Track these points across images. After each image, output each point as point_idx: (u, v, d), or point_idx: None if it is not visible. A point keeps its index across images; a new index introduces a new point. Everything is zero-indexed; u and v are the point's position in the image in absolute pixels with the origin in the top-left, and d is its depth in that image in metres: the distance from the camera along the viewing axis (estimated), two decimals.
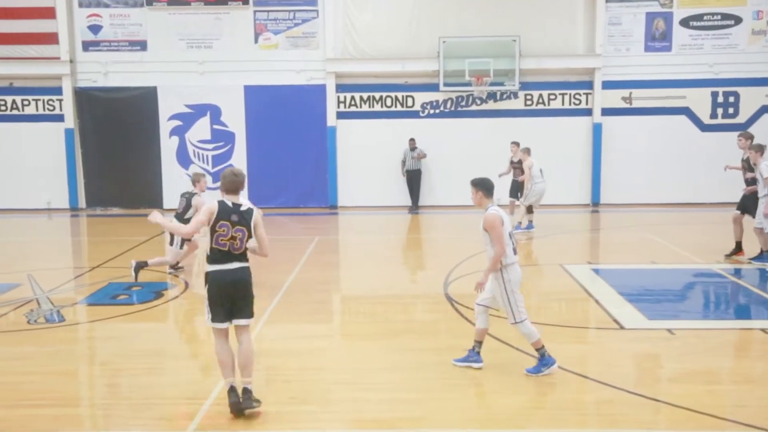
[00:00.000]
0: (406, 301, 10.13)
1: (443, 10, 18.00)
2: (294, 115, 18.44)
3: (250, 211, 6.03)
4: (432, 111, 18.50)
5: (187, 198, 10.95)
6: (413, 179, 17.98)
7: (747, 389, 6.51)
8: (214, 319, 5.96)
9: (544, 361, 6.76)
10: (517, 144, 14.90)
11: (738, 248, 11.68)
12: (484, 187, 6.84)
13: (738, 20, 17.76)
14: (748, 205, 11.42)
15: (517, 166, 14.79)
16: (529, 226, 14.44)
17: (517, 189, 14.77)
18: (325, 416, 6.00)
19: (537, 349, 6.81)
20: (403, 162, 17.98)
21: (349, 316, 9.54)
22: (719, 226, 14.58)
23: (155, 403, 6.23)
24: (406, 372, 6.95)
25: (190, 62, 18.30)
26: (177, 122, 18.55)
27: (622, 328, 8.30)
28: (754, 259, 11.33)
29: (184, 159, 18.62)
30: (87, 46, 18.40)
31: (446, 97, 18.39)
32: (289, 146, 18.47)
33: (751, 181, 11.31)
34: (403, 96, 18.53)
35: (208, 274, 5.97)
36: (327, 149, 18.47)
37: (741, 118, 17.99)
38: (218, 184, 7.13)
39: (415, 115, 18.48)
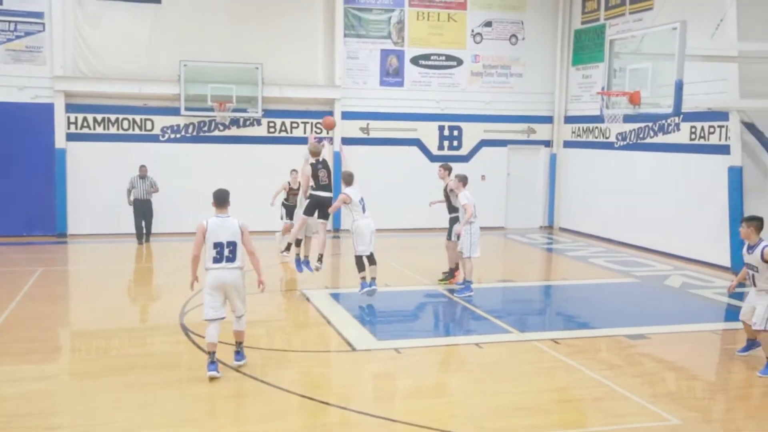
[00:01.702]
0: (140, 333, 9.67)
1: (184, 33, 17.62)
2: (16, 136, 16.82)
3: None
4: (173, 135, 17.95)
5: None
6: (145, 209, 16.70)
7: (461, 400, 7.10)
8: None
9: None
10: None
11: (451, 274, 12.60)
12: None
13: (460, 62, 19.57)
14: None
15: None
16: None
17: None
18: None
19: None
20: (129, 190, 16.62)
21: (76, 353, 8.86)
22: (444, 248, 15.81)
23: None
24: (140, 409, 6.60)
25: None
26: None
27: (354, 349, 8.64)
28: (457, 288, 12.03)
29: None
30: None
31: (188, 122, 17.96)
32: (10, 169, 16.80)
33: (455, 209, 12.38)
34: (141, 119, 17.76)
35: None
36: (55, 173, 17.06)
37: (464, 151, 19.77)
38: None
39: (154, 138, 17.79)
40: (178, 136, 17.97)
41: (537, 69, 19.98)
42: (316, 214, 11.72)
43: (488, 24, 19.65)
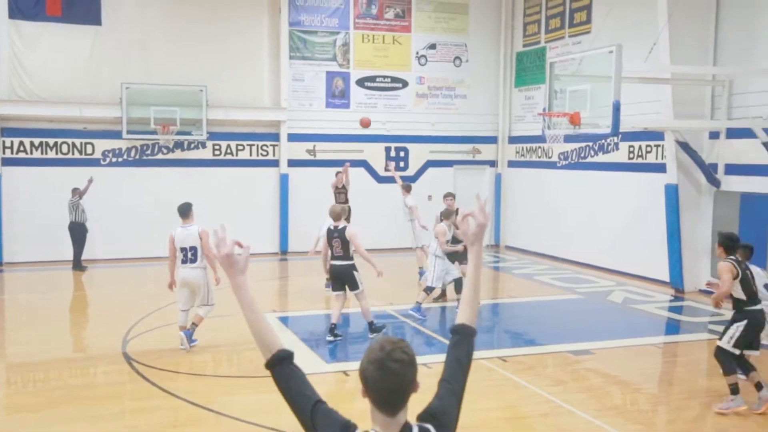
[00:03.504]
0: (81, 363, 9.41)
1: (126, 55, 17.37)
2: None
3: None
4: (114, 159, 17.63)
5: None
6: (77, 233, 16.09)
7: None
8: None
9: None
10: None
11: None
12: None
13: (405, 83, 19.77)
14: None
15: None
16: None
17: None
18: None
19: None
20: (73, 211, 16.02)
21: (13, 387, 8.55)
22: (394, 270, 15.85)
23: None
24: None
25: None
26: None
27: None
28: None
29: None
30: None
31: (130, 145, 17.67)
32: None
33: None
34: (81, 143, 17.40)
35: None
36: None
37: (410, 171, 19.90)
38: None
39: (96, 163, 17.43)
40: (120, 159, 17.66)
41: (481, 90, 20.32)
42: None
43: (432, 46, 19.92)
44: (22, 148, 16.94)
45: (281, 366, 2.58)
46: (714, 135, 13.56)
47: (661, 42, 13.14)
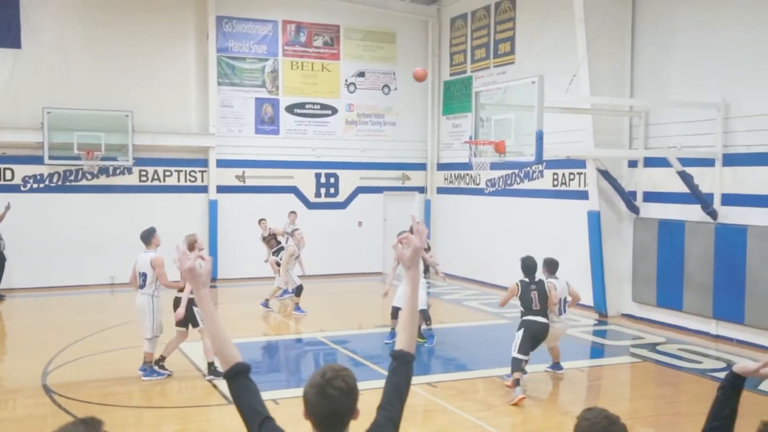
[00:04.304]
0: (4, 396, 9.02)
1: (47, 79, 16.91)
2: None
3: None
4: (36, 185, 17.07)
5: None
6: None
7: None
8: None
9: None
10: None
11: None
12: None
13: (334, 110, 19.90)
14: None
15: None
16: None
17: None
18: None
19: None
20: None
21: None
22: (323, 296, 15.83)
23: None
24: None
25: None
26: None
27: (230, 402, 8.42)
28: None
29: None
30: None
31: (52, 171, 17.16)
32: None
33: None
34: (0, 168, 16.81)
35: None
36: None
37: (341, 198, 19.99)
38: None
39: (15, 189, 16.83)
40: (42, 185, 17.11)
41: (409, 118, 20.63)
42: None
43: (361, 74, 20.15)
44: None
45: (237, 378, 2.71)
46: (632, 164, 14.14)
47: (581, 74, 13.68)
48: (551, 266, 9.90)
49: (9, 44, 16.71)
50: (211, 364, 9.48)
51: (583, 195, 14.89)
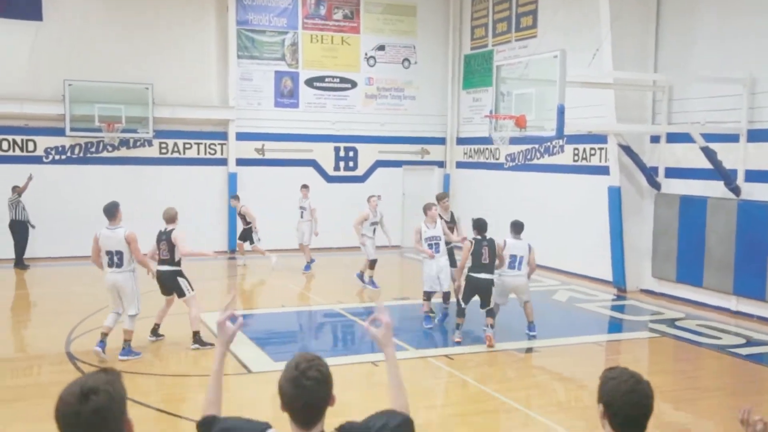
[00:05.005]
0: (25, 363, 9.21)
1: (69, 52, 16.99)
2: None
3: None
4: (57, 156, 17.23)
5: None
6: (18, 231, 15.85)
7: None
8: None
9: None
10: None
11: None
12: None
13: (354, 84, 19.82)
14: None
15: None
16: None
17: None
18: None
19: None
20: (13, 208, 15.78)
21: None
22: (342, 269, 15.91)
23: None
24: None
25: None
26: None
27: (249, 371, 8.55)
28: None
29: None
30: None
31: (74, 143, 17.29)
32: None
33: None
34: (22, 139, 16.96)
35: None
36: None
37: (359, 171, 19.98)
38: None
39: (38, 160, 17.00)
40: (64, 157, 17.27)
41: (429, 92, 20.51)
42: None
43: (381, 48, 20.03)
44: None
45: (202, 428, 2.80)
46: (655, 139, 13.98)
47: (604, 48, 13.51)
48: (517, 227, 10.54)
49: (30, 16, 16.76)
50: (196, 333, 9.61)
51: (603, 170, 14.77)
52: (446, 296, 11.76)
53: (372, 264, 13.93)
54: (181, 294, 9.61)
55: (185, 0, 18.06)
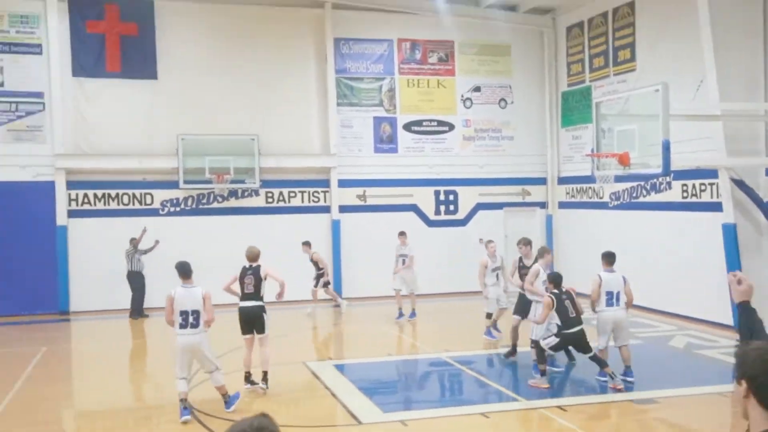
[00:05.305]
0: (146, 413, 9.62)
1: (181, 108, 17.97)
2: (18, 214, 16.98)
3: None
4: (172, 209, 18.15)
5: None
6: (135, 281, 16.68)
7: None
8: None
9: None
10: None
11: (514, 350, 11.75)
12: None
13: (451, 127, 19.95)
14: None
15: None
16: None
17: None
18: None
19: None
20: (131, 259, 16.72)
21: None
22: (446, 314, 15.85)
23: None
24: None
25: None
26: None
27: (359, 423, 8.62)
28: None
29: None
30: None
31: (187, 195, 18.18)
32: (12, 247, 16.89)
33: None
34: (141, 193, 17.99)
35: None
36: (56, 250, 17.17)
37: (460, 215, 19.96)
38: None
39: (155, 212, 17.98)
40: (178, 209, 18.17)
41: (528, 131, 20.37)
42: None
43: (477, 89, 20.11)
44: (86, 200, 17.59)
45: None
46: None
47: (708, 78, 13.07)
48: (609, 258, 10.53)
49: (147, 76, 17.92)
50: (265, 374, 9.82)
51: (716, 207, 14.15)
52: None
53: (488, 315, 13.30)
54: (261, 330, 9.76)
55: (286, 53, 18.79)
